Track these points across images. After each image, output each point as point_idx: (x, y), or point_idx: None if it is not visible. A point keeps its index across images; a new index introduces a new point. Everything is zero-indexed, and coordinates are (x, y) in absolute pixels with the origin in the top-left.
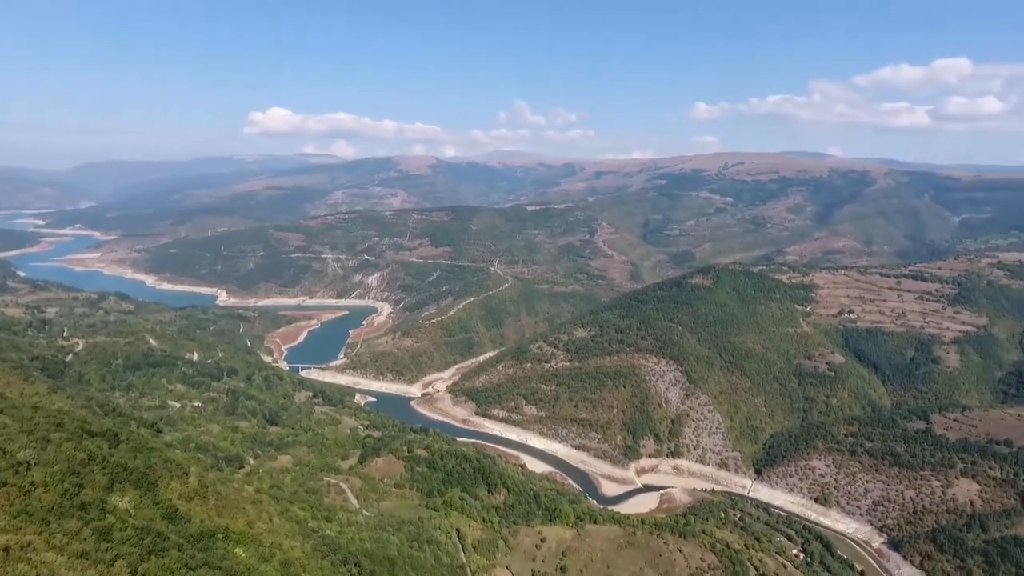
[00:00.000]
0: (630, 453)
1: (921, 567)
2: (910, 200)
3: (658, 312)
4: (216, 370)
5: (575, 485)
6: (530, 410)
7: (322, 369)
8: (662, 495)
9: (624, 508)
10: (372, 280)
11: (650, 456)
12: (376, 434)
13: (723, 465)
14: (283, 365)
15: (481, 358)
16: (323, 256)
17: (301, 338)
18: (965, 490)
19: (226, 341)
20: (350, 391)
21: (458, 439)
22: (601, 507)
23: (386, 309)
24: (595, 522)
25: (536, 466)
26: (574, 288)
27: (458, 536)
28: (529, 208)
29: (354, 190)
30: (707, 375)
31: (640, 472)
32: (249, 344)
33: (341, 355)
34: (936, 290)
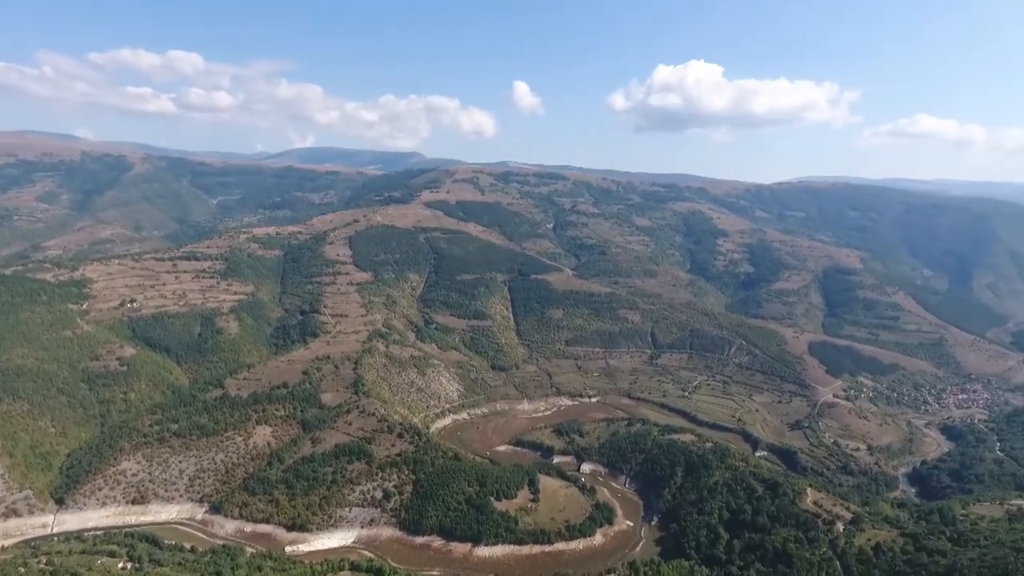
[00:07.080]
0: None
1: (241, 516)
2: (171, 184)
3: None
4: None
5: None
6: None
7: None
8: None
9: None
10: None
11: None
12: None
13: (12, 513)
14: None
15: None
16: None
17: None
18: (262, 435)
19: None
20: None
21: None
22: None
23: None
24: None
25: None
26: None
27: None
28: None
29: None
30: None
31: None
32: None
33: None
34: (209, 267)
